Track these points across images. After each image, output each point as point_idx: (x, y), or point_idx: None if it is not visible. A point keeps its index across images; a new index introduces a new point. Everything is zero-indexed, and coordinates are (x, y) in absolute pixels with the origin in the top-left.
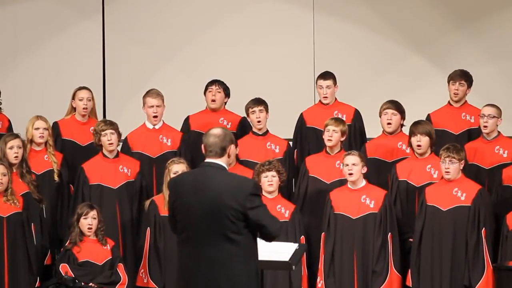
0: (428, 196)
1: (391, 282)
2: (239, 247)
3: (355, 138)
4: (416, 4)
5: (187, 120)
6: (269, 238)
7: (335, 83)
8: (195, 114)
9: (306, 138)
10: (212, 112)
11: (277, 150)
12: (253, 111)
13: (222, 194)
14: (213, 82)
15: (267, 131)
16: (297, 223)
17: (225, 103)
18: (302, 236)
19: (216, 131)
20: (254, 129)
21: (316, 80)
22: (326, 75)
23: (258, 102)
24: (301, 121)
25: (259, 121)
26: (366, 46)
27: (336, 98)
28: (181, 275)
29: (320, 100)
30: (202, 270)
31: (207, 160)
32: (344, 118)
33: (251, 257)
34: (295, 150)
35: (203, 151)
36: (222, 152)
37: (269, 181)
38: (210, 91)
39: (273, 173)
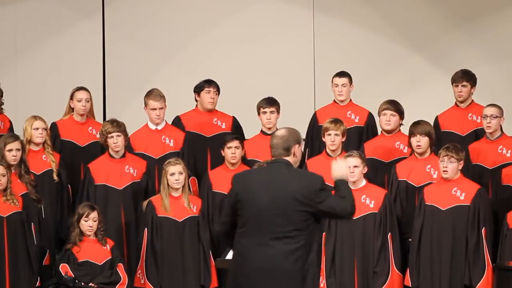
0: (427, 195)
1: (393, 281)
2: (300, 243)
3: (367, 140)
4: (416, 4)
5: (179, 120)
6: (347, 217)
7: (350, 82)
8: (186, 114)
9: (318, 137)
10: (204, 112)
11: None
12: (264, 112)
13: (291, 191)
14: (210, 83)
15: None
16: None
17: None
18: None
19: (280, 132)
20: (263, 129)
21: (332, 79)
22: (342, 74)
23: (271, 103)
24: (314, 119)
25: (269, 122)
26: (366, 46)
27: (351, 99)
28: (238, 268)
29: (334, 100)
30: (261, 264)
31: (274, 158)
32: (357, 120)
33: (311, 252)
34: (306, 148)
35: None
36: (286, 152)
37: None
38: (207, 93)
39: None
